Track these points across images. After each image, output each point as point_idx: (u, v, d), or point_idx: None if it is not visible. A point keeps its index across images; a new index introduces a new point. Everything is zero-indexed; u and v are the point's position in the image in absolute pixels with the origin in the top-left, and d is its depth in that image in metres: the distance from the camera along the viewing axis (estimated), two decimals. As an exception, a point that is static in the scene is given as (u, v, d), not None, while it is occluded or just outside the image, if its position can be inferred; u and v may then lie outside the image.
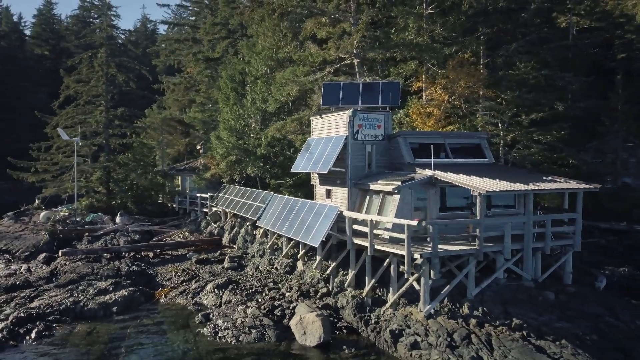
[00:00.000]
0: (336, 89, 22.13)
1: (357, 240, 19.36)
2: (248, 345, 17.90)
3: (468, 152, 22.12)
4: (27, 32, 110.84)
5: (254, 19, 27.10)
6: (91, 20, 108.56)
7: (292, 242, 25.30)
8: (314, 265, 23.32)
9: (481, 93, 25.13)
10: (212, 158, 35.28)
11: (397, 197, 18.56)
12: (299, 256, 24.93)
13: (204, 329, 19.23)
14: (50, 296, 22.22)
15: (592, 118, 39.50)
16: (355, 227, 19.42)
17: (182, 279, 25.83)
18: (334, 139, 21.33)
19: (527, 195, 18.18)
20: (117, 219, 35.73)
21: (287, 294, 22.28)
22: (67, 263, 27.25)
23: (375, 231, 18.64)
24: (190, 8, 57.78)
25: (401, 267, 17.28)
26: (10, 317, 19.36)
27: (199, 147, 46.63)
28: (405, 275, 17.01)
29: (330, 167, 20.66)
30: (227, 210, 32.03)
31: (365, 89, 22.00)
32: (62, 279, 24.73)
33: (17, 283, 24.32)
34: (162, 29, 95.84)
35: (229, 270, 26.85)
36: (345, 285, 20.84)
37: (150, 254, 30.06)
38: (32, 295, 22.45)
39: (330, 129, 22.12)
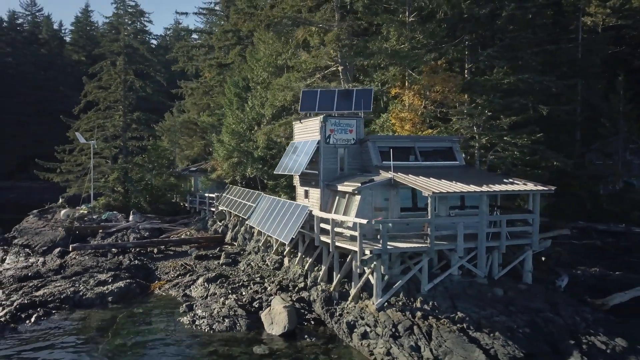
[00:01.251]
0: (313, 96, 23.52)
1: (324, 238, 20.74)
2: (219, 333, 19.56)
3: (440, 155, 23.12)
4: (67, 38, 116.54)
5: (255, 28, 28.67)
6: (125, 26, 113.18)
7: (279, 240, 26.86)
8: (296, 262, 24.82)
9: (466, 97, 26.03)
10: (217, 160, 37.26)
11: (358, 197, 19.83)
12: (284, 253, 26.49)
13: (185, 317, 20.99)
14: (55, 286, 24.50)
15: (596, 119, 39.61)
16: (323, 225, 20.79)
17: (178, 273, 27.74)
18: (308, 143, 22.77)
19: (481, 197, 19.12)
20: (130, 217, 38.12)
21: (269, 288, 23.85)
22: (77, 257, 29.61)
23: (340, 229, 20.01)
24: (219, 13, 59.94)
25: (354, 262, 18.57)
26: (15, 303, 21.62)
27: (211, 149, 48.81)
28: (358, 271, 18.29)
29: (303, 169, 22.12)
30: (227, 209, 33.85)
31: (341, 96, 23.30)
32: (68, 271, 27.07)
33: (29, 274, 26.82)
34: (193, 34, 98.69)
35: (224, 266, 28.60)
36: (319, 280, 22.22)
37: (155, 250, 32.16)
38: (39, 284, 24.82)
39: (307, 133, 23.56)
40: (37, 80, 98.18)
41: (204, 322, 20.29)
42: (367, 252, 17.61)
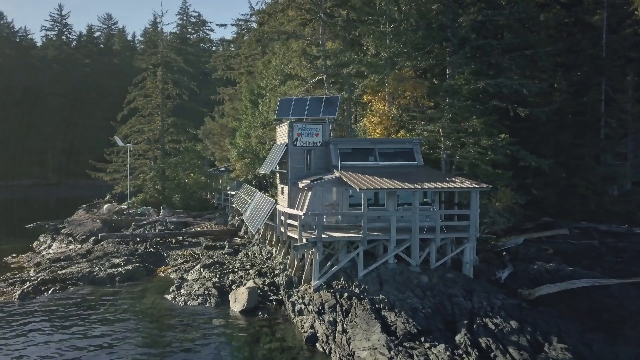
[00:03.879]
0: (288, 103, 26.41)
1: (282, 229, 23.60)
2: (192, 307, 23.03)
3: (400, 156, 25.27)
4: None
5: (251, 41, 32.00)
6: (189, 36, 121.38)
7: (271, 232, 29.97)
8: (277, 251, 27.84)
9: (431, 102, 27.70)
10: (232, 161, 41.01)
11: (310, 193, 22.51)
12: (273, 243, 29.58)
13: (170, 295, 24.62)
14: (77, 267, 29.06)
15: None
16: (282, 218, 23.63)
17: (184, 260, 31.57)
18: (280, 145, 25.70)
19: (414, 194, 21.16)
20: (161, 212, 42.74)
21: (251, 273, 27.00)
22: (104, 244, 34.30)
23: (292, 221, 22.83)
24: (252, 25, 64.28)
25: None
26: (38, 279, 26.22)
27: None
28: (299, 256, 20.99)
29: (272, 169, 25.12)
30: (236, 205, 37.44)
31: (312, 103, 26.02)
32: (93, 255, 31.69)
33: (62, 257, 31.69)
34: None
35: (225, 255, 32.06)
36: (287, 267, 25.09)
37: (173, 240, 36.29)
38: (65, 265, 29.51)
39: (282, 137, 26.49)
40: (110, 88, 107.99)
41: (182, 298, 23.85)
42: (304, 240, 20.31)
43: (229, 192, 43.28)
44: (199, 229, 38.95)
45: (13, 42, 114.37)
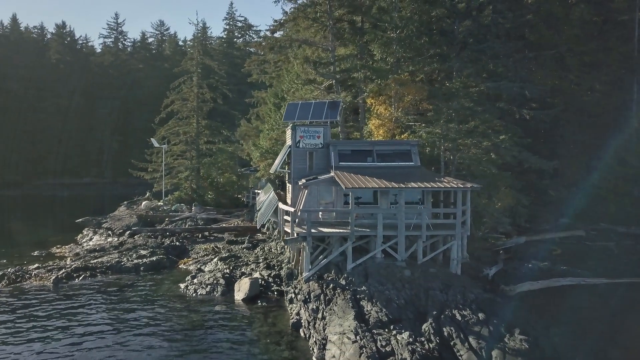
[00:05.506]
0: (295, 108, 28.18)
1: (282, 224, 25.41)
2: (200, 296, 25.21)
3: (398, 157, 26.50)
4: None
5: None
6: (235, 40, 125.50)
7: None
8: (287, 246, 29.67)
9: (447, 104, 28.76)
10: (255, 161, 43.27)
11: (306, 191, 24.18)
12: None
13: (183, 284, 26.93)
14: (108, 257, 32.01)
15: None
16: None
17: (204, 253, 33.97)
18: (286, 146, 27.51)
19: (400, 192, 22.41)
20: (192, 209, 45.57)
21: (261, 266, 28.98)
22: (136, 238, 37.27)
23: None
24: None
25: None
26: (72, 267, 29.24)
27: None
28: (292, 249, 22.68)
29: (277, 169, 26.93)
30: (257, 203, 39.58)
31: (316, 107, 27.68)
32: (124, 247, 34.63)
33: (97, 248, 34.83)
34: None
35: (244, 250, 34.22)
36: (290, 260, 26.88)
37: (199, 235, 38.86)
38: (98, 256, 32.52)
39: (288, 139, 28.29)
40: (161, 91, 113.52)
41: (192, 288, 26.07)
42: (295, 234, 22.02)
43: (256, 191, 45.52)
44: (225, 225, 41.37)
45: (74, 49, 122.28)
